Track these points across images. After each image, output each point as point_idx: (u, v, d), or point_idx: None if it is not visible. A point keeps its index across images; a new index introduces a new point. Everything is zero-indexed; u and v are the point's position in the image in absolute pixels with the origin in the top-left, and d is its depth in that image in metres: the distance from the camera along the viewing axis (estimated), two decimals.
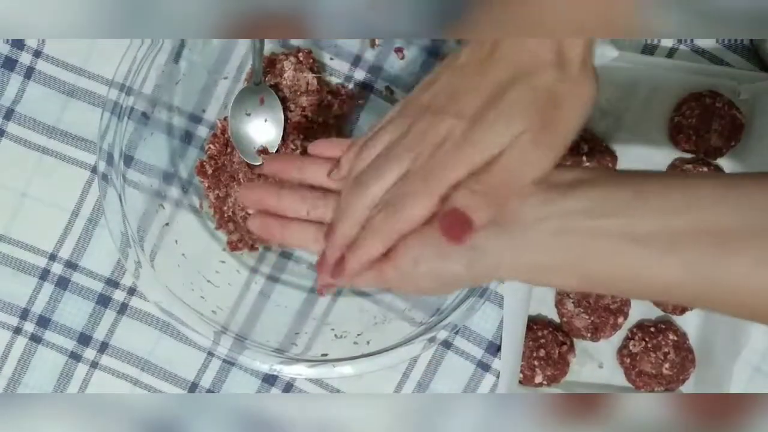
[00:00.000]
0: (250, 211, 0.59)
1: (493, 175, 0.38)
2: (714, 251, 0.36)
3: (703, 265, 0.36)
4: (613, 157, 0.61)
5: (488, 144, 0.38)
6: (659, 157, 0.62)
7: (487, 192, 0.38)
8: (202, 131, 0.60)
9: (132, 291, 0.62)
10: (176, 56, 0.56)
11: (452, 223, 0.38)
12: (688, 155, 0.62)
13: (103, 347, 0.62)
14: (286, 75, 0.59)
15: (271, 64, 0.59)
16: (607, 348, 0.64)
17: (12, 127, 0.60)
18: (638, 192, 0.38)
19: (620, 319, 0.62)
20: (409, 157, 0.39)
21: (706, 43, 0.62)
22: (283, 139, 0.59)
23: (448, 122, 0.39)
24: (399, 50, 0.60)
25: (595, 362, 0.64)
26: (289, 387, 0.63)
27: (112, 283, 0.61)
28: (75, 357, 0.62)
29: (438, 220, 0.38)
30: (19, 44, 0.60)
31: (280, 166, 0.46)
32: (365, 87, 0.61)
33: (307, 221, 0.44)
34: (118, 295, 0.62)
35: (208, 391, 0.62)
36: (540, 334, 0.62)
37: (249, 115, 0.58)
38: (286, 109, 0.59)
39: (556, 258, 0.38)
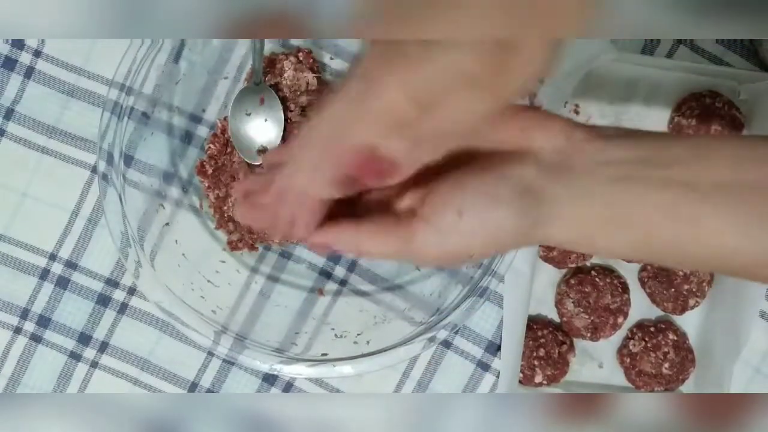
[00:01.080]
0: None
1: (428, 121, 0.32)
2: None
3: None
4: None
5: (437, 67, 0.32)
6: None
7: (418, 140, 0.33)
8: (202, 131, 0.60)
9: (132, 291, 0.62)
10: (176, 56, 0.56)
11: (370, 163, 0.33)
12: None
13: (103, 347, 0.62)
14: (286, 75, 0.59)
15: (271, 64, 0.59)
16: (607, 348, 0.64)
17: (12, 127, 0.60)
18: (696, 144, 0.35)
19: (620, 319, 0.62)
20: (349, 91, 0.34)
21: (706, 43, 0.62)
22: (283, 139, 0.59)
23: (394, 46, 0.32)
24: None
25: (595, 362, 0.64)
26: (289, 387, 0.63)
27: (112, 282, 0.61)
28: (75, 357, 0.62)
29: (354, 156, 0.33)
30: (19, 44, 0.60)
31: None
32: None
33: None
34: (118, 295, 0.62)
35: (208, 390, 0.62)
36: (540, 333, 0.62)
37: (249, 115, 0.58)
38: (286, 109, 0.59)
39: (615, 209, 0.34)
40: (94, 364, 0.62)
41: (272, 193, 0.37)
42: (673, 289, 0.62)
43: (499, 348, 0.63)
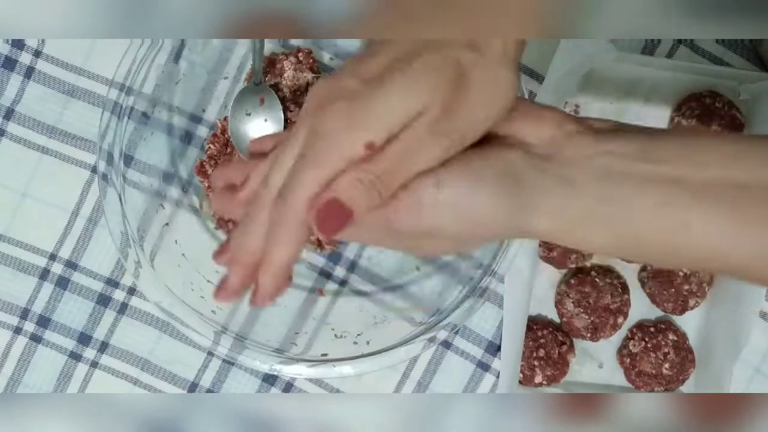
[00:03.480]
0: None
1: (380, 162, 0.33)
2: None
3: (761, 225, 0.33)
4: None
5: (386, 112, 0.32)
6: None
7: (372, 181, 0.32)
8: (202, 131, 0.60)
9: (132, 291, 0.62)
10: (176, 56, 0.56)
11: (328, 215, 0.32)
12: None
13: (103, 347, 0.62)
14: (286, 75, 0.59)
15: (271, 64, 0.59)
16: (607, 348, 0.64)
17: (12, 127, 0.60)
18: (688, 142, 0.34)
19: (620, 319, 0.62)
20: (303, 130, 0.34)
21: (706, 43, 0.62)
22: None
23: (343, 82, 0.33)
24: None
25: (595, 362, 0.64)
26: (289, 387, 0.63)
27: (112, 282, 0.61)
28: (75, 357, 0.62)
29: (314, 209, 0.33)
30: (19, 44, 0.60)
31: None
32: None
33: None
34: (118, 295, 0.62)
35: (208, 391, 0.62)
36: (540, 334, 0.62)
37: (249, 115, 0.58)
38: (286, 109, 0.59)
39: (601, 205, 0.34)
40: (94, 364, 0.62)
41: (247, 193, 0.37)
42: (673, 290, 0.62)
43: (499, 348, 0.63)
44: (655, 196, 0.34)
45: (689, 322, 0.64)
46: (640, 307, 0.63)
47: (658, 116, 0.62)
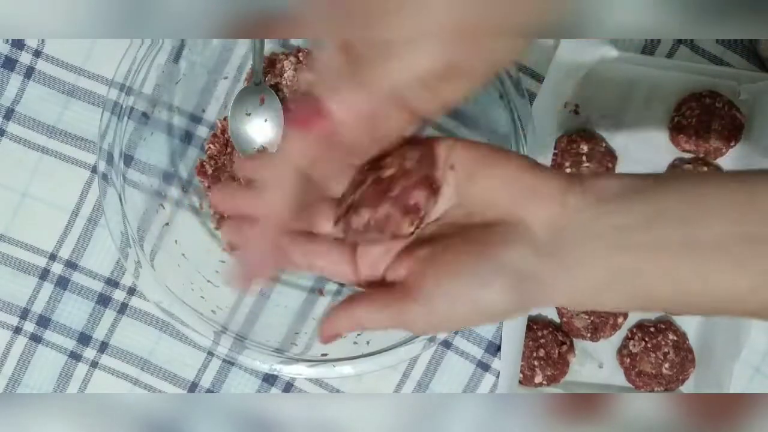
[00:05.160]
0: None
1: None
2: None
3: None
4: (613, 157, 0.61)
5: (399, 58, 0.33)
6: (659, 157, 0.62)
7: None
8: (202, 131, 0.60)
9: (132, 291, 0.62)
10: (176, 56, 0.56)
11: (301, 110, 0.34)
12: (688, 155, 0.62)
13: (103, 347, 0.62)
14: (286, 75, 0.59)
15: (271, 64, 0.59)
16: (606, 348, 0.64)
17: (12, 127, 0.60)
18: (695, 196, 0.34)
19: (620, 319, 0.62)
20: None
21: (706, 43, 0.62)
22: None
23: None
24: None
25: (595, 362, 0.64)
26: (289, 387, 0.63)
27: (112, 282, 0.61)
28: (75, 357, 0.62)
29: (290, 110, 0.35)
30: (19, 44, 0.60)
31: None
32: None
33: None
34: (118, 295, 0.62)
35: (208, 391, 0.62)
36: (540, 334, 0.62)
37: (249, 115, 0.58)
38: (286, 109, 0.59)
39: (614, 278, 0.34)
40: (94, 364, 0.62)
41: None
42: None
43: (499, 348, 0.63)
44: (664, 263, 0.34)
45: (689, 322, 0.64)
46: None
47: (658, 116, 0.62)
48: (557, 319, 0.63)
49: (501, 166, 0.36)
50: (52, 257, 0.61)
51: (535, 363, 0.62)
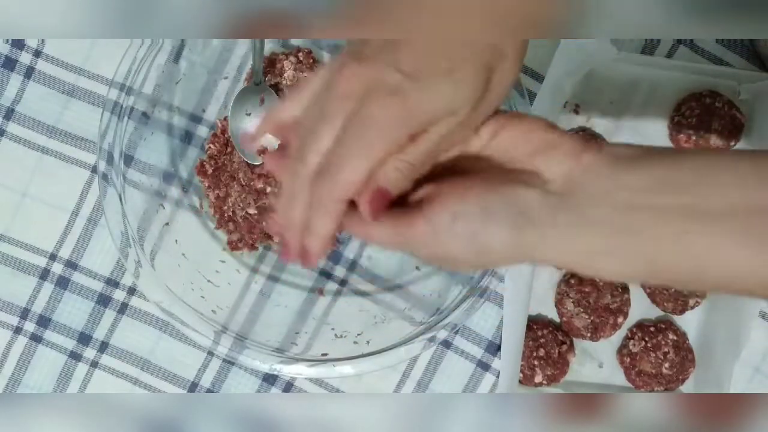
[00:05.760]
0: (251, 211, 0.59)
1: (416, 154, 0.36)
2: None
3: None
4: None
5: (435, 107, 0.35)
6: None
7: (408, 169, 0.36)
8: (202, 131, 0.60)
9: (132, 291, 0.62)
10: (176, 56, 0.56)
11: (376, 199, 0.36)
12: None
13: (103, 347, 0.62)
14: (286, 75, 0.59)
15: (271, 64, 0.59)
16: (606, 348, 0.64)
17: (12, 127, 0.60)
18: (707, 166, 0.35)
19: (620, 319, 0.62)
20: (342, 109, 0.35)
21: (706, 43, 0.62)
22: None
23: (385, 75, 0.35)
24: None
25: (595, 362, 0.64)
26: (289, 387, 0.63)
27: (112, 282, 0.61)
28: (75, 357, 0.62)
29: (367, 200, 0.36)
30: (19, 44, 0.60)
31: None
32: None
33: None
34: (118, 295, 0.62)
35: (208, 390, 0.62)
36: (540, 333, 0.62)
37: (249, 115, 0.58)
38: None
39: (617, 239, 0.34)
40: (94, 364, 0.62)
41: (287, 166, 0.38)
42: (673, 289, 0.62)
43: (499, 348, 0.63)
44: (673, 227, 0.34)
45: (689, 322, 0.64)
46: (640, 307, 0.63)
47: (658, 116, 0.62)
48: (557, 319, 0.63)
49: (523, 123, 0.38)
50: (52, 257, 0.61)
51: (535, 363, 0.62)
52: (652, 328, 0.63)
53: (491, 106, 0.37)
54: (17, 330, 0.62)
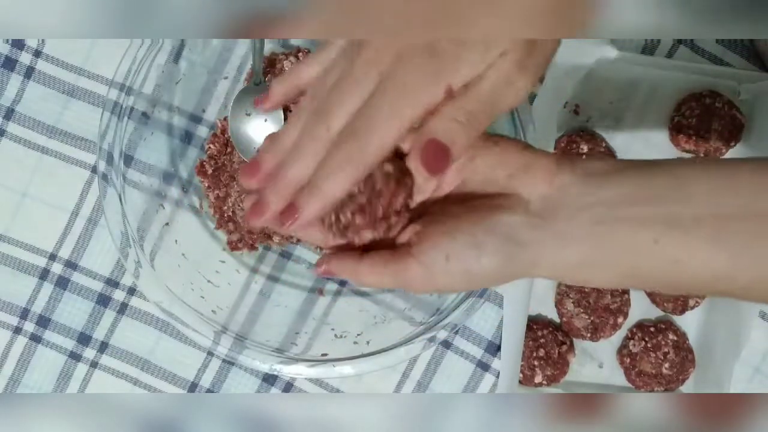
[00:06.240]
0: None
1: (471, 101, 0.35)
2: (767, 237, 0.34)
3: (755, 252, 0.34)
4: (613, 157, 0.61)
5: (470, 63, 0.34)
6: (659, 157, 0.62)
7: (468, 120, 0.35)
8: (202, 131, 0.60)
9: (132, 291, 0.62)
10: (176, 56, 0.56)
11: (434, 155, 0.34)
12: (688, 155, 0.62)
13: (103, 347, 0.62)
14: None
15: (271, 64, 0.59)
16: (606, 348, 0.64)
17: (12, 127, 0.60)
18: (678, 177, 0.36)
19: (620, 319, 0.62)
20: (374, 75, 0.35)
21: (706, 43, 0.62)
22: None
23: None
24: None
25: (595, 362, 0.64)
26: (289, 387, 0.63)
27: (112, 282, 0.61)
28: (75, 357, 0.62)
29: (418, 152, 0.35)
30: (19, 44, 0.60)
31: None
32: None
33: None
34: (118, 295, 0.62)
35: (208, 390, 0.62)
36: (540, 333, 0.62)
37: (249, 115, 0.58)
38: (286, 109, 0.59)
39: (597, 251, 0.36)
40: (94, 364, 0.62)
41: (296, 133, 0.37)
42: None
43: (499, 348, 0.63)
44: (646, 236, 0.35)
45: (689, 322, 0.64)
46: (640, 307, 0.63)
47: (658, 116, 0.62)
48: (557, 319, 0.63)
49: (498, 147, 0.39)
50: (52, 257, 0.61)
51: (535, 363, 0.62)
52: (652, 329, 0.63)
53: (548, 49, 0.36)
54: (17, 330, 0.62)
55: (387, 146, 0.34)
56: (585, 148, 0.60)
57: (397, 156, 0.39)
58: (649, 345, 0.62)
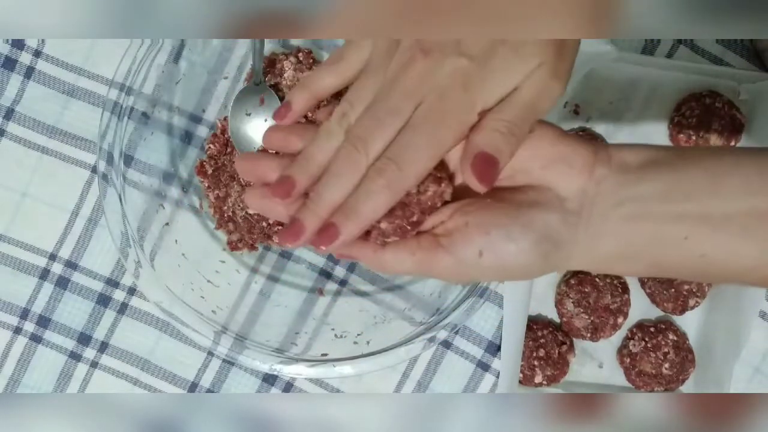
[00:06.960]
0: (251, 211, 0.59)
1: (510, 112, 0.36)
2: None
3: None
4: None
5: (504, 82, 0.36)
6: None
7: (509, 130, 0.36)
8: (202, 131, 0.60)
9: (132, 291, 0.62)
10: (176, 56, 0.56)
11: (485, 166, 0.35)
12: None
13: (103, 347, 0.62)
14: (286, 75, 0.59)
15: (271, 64, 0.59)
16: (607, 348, 0.64)
17: (12, 127, 0.60)
18: (712, 172, 0.36)
19: (620, 319, 0.62)
20: (411, 105, 0.36)
21: (706, 43, 0.62)
22: None
23: (452, 61, 0.36)
24: None
25: (595, 362, 0.64)
26: (289, 387, 0.63)
27: (112, 282, 0.61)
28: (75, 357, 0.62)
29: (469, 166, 0.36)
30: (19, 44, 0.60)
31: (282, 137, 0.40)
32: None
33: None
34: (118, 295, 0.62)
35: (208, 390, 0.62)
36: (540, 334, 0.62)
37: (249, 115, 0.58)
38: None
39: (629, 245, 0.37)
40: (94, 364, 0.62)
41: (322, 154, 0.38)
42: (673, 289, 0.62)
43: (499, 348, 0.63)
44: (677, 233, 0.36)
45: (689, 322, 0.64)
46: (640, 307, 0.63)
47: (658, 116, 0.62)
48: (557, 319, 0.63)
49: (533, 135, 0.38)
50: (52, 257, 0.61)
51: (535, 363, 0.62)
52: (652, 329, 0.63)
53: (574, 53, 0.38)
54: (17, 330, 0.62)
55: (425, 173, 0.36)
56: None
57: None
58: (649, 345, 0.62)
